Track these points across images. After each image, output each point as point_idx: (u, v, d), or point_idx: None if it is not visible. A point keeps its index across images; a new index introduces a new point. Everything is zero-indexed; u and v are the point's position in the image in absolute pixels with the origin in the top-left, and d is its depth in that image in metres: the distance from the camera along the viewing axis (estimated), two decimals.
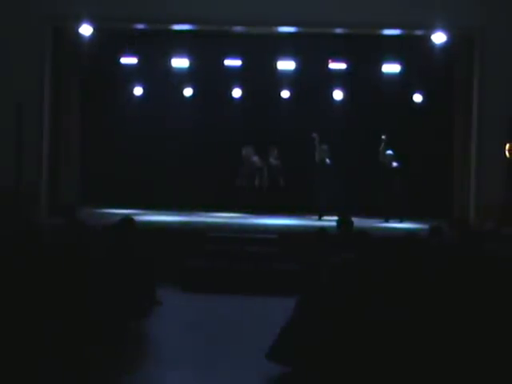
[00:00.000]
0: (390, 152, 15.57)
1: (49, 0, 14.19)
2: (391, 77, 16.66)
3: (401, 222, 15.17)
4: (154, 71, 17.10)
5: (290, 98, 17.79)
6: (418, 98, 17.25)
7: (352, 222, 8.63)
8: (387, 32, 14.83)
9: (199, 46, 16.16)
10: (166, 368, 7.30)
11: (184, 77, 17.17)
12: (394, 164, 15.54)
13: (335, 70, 16.77)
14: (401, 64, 16.55)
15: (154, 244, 10.85)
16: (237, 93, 17.88)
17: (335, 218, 8.95)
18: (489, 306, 6.38)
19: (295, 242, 11.95)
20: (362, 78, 16.77)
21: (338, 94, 17.61)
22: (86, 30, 14.40)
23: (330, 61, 16.61)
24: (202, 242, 12.32)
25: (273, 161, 16.86)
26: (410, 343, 6.15)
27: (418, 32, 14.73)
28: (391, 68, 16.60)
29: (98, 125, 17.30)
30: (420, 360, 6.08)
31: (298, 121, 17.25)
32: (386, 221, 15.27)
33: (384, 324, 6.24)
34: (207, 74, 17.03)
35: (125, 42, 16.37)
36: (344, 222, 8.54)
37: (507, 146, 13.84)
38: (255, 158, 16.75)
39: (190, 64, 16.63)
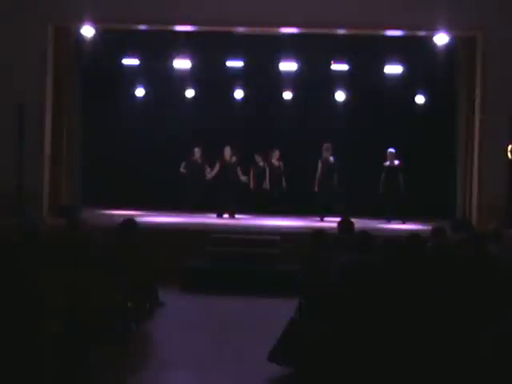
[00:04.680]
0: (391, 150, 15.60)
1: (51, 1, 14.20)
2: (393, 78, 16.66)
3: (403, 222, 15.16)
4: (156, 72, 17.11)
5: (292, 98, 17.81)
6: (420, 98, 17.27)
7: (353, 223, 8.61)
8: (389, 33, 14.81)
9: (201, 47, 16.16)
10: (168, 369, 7.29)
11: (186, 78, 17.18)
12: (396, 162, 15.57)
13: (337, 70, 16.78)
14: (403, 65, 16.55)
15: (156, 245, 10.84)
16: (239, 94, 17.89)
17: (337, 218, 8.94)
18: (491, 307, 6.37)
19: (297, 243, 11.93)
20: (364, 79, 16.77)
21: (340, 95, 17.62)
22: (87, 30, 14.42)
23: (332, 62, 16.62)
24: (203, 242, 12.30)
25: (275, 162, 16.86)
26: (413, 344, 6.13)
27: (420, 33, 14.73)
28: (393, 69, 16.60)
29: (99, 126, 17.31)
30: (422, 361, 6.06)
31: (300, 122, 17.25)
32: (388, 221, 15.27)
33: (389, 325, 6.23)
34: (209, 75, 17.03)
35: (126, 42, 16.38)
36: (345, 223, 8.51)
37: (509, 147, 13.82)
38: (258, 159, 16.77)
39: (192, 65, 16.64)
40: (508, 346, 5.89)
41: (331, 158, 15.82)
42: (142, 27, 14.94)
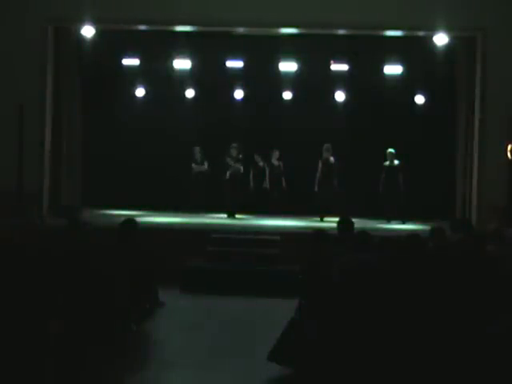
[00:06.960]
0: (391, 150, 15.62)
1: (51, 1, 14.20)
2: (393, 78, 16.65)
3: (403, 223, 15.15)
4: (156, 72, 17.11)
5: (292, 98, 17.80)
6: (419, 98, 17.27)
7: (352, 223, 8.62)
8: (389, 33, 14.81)
9: (201, 47, 16.17)
10: (168, 369, 7.29)
11: (186, 78, 17.18)
12: (396, 162, 15.59)
13: (337, 71, 16.76)
14: (403, 65, 16.55)
15: (156, 245, 10.85)
16: (239, 94, 17.88)
17: (337, 218, 8.94)
18: (491, 307, 6.37)
19: (297, 243, 11.93)
20: (363, 80, 16.77)
21: (339, 96, 17.61)
22: (88, 31, 14.42)
23: (331, 62, 16.61)
24: (204, 243, 12.30)
25: (275, 162, 16.88)
26: (413, 343, 6.14)
27: (420, 33, 14.73)
28: (393, 69, 16.59)
29: (99, 126, 17.30)
30: (422, 360, 6.07)
31: (299, 122, 17.25)
32: (389, 221, 15.27)
33: (389, 325, 6.23)
34: (209, 76, 17.04)
35: (127, 43, 16.38)
36: (344, 223, 8.51)
37: (509, 146, 13.82)
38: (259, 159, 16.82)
39: (192, 65, 16.64)
40: (507, 346, 5.90)
41: (331, 158, 15.83)
42: (142, 27, 14.92)
